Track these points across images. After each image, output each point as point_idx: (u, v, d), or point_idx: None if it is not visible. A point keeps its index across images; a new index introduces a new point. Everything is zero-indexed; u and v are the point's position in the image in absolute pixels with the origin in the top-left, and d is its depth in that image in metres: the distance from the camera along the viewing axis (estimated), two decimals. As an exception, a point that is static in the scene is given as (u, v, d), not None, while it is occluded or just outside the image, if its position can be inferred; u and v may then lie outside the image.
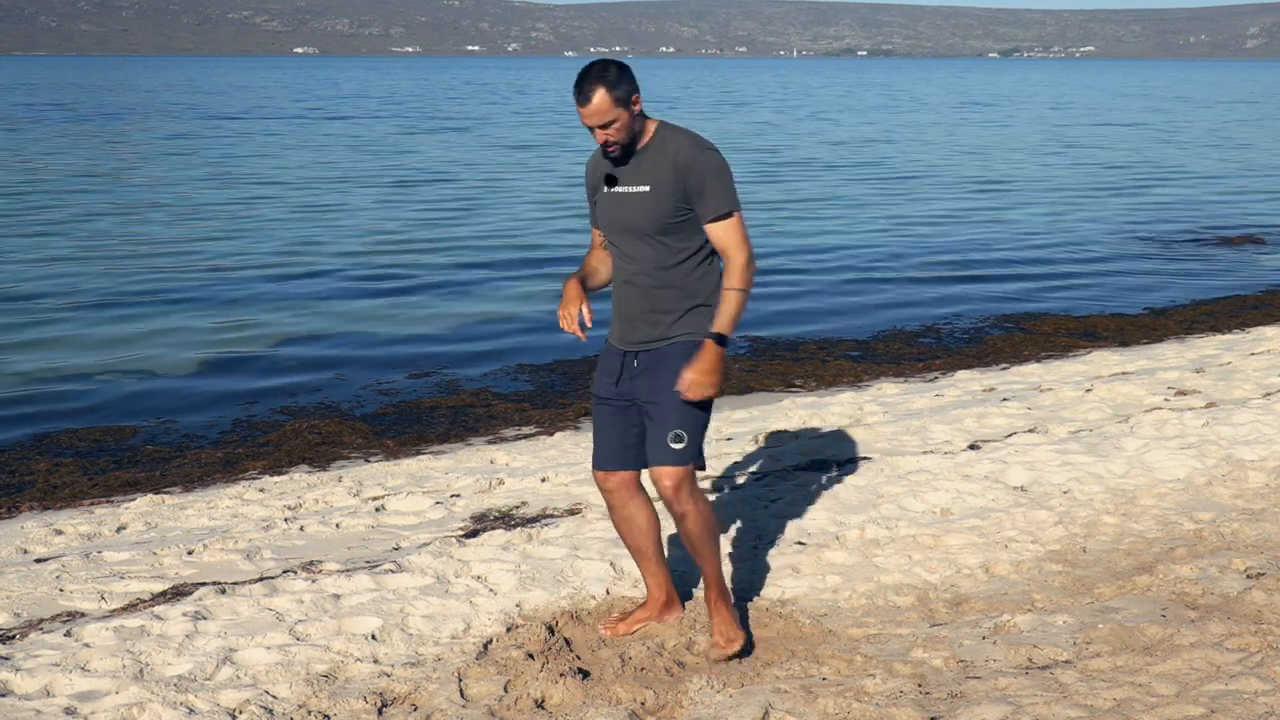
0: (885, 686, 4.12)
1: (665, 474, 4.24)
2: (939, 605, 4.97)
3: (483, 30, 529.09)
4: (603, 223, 4.33)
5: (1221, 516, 5.98)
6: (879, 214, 22.11)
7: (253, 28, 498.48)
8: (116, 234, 18.76)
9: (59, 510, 7.08)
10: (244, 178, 27.28)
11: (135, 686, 4.15)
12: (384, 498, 6.76)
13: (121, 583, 5.28)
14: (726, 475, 6.90)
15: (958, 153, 36.35)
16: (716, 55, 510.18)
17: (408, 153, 34.54)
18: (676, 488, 4.25)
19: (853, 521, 5.88)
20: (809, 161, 32.86)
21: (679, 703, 4.07)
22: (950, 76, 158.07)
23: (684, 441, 4.22)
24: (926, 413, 8.49)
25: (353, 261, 16.48)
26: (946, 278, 15.68)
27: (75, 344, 11.76)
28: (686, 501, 4.28)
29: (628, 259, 4.27)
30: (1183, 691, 4.05)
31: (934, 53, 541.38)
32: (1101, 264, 16.92)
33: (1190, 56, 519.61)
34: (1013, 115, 58.25)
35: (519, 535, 5.71)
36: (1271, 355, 10.25)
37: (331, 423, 9.04)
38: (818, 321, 12.94)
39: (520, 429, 8.92)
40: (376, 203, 23.03)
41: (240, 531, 6.12)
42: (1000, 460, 6.86)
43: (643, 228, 4.19)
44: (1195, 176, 29.60)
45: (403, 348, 11.68)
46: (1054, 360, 10.93)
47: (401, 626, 4.67)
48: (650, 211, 4.17)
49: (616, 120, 4.10)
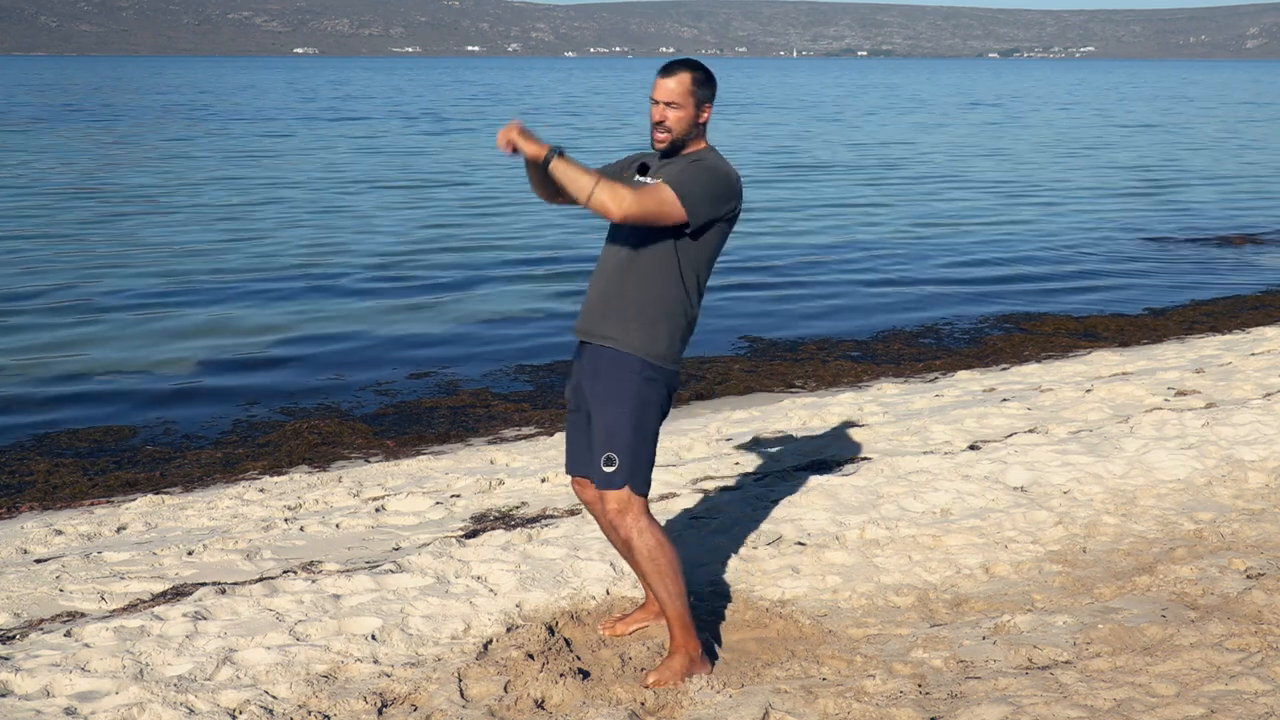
0: (885, 687, 4.12)
1: (608, 497, 4.14)
2: (939, 605, 4.97)
3: (483, 30, 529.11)
4: None
5: (1221, 517, 5.98)
6: (879, 215, 22.11)
7: (253, 28, 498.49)
8: (117, 234, 18.76)
9: (59, 510, 7.08)
10: (244, 179, 27.28)
11: (135, 687, 4.15)
12: (384, 498, 6.76)
13: (121, 583, 5.28)
14: (727, 475, 6.90)
15: (959, 153, 36.34)
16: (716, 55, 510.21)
17: (412, 154, 34.53)
18: (619, 512, 4.13)
19: (853, 521, 5.88)
20: (809, 162, 32.85)
21: (679, 703, 4.07)
22: (953, 77, 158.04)
23: (614, 465, 4.09)
24: (926, 413, 8.49)
25: (353, 262, 16.48)
26: (946, 278, 15.68)
27: (75, 344, 11.76)
28: (630, 529, 4.13)
29: (612, 246, 4.23)
30: (1183, 692, 4.05)
31: (934, 53, 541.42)
32: (1101, 264, 16.93)
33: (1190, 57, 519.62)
34: (1019, 116, 58.20)
35: (519, 535, 5.71)
36: (1271, 355, 10.25)
37: (331, 423, 9.04)
38: (818, 322, 12.94)
39: (520, 429, 8.92)
40: (377, 204, 23.02)
41: (240, 532, 6.12)
42: (1000, 460, 6.86)
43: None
44: (1196, 177, 29.60)
45: (403, 348, 11.68)
46: (1054, 360, 10.94)
47: (401, 627, 4.67)
48: None
49: (683, 109, 4.10)
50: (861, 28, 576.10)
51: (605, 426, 4.12)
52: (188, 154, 33.37)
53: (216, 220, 20.41)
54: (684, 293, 4.14)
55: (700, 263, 4.15)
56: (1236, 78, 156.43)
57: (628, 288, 4.13)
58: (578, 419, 4.33)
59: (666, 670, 4.21)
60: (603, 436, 4.12)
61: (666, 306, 4.12)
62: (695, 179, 4.03)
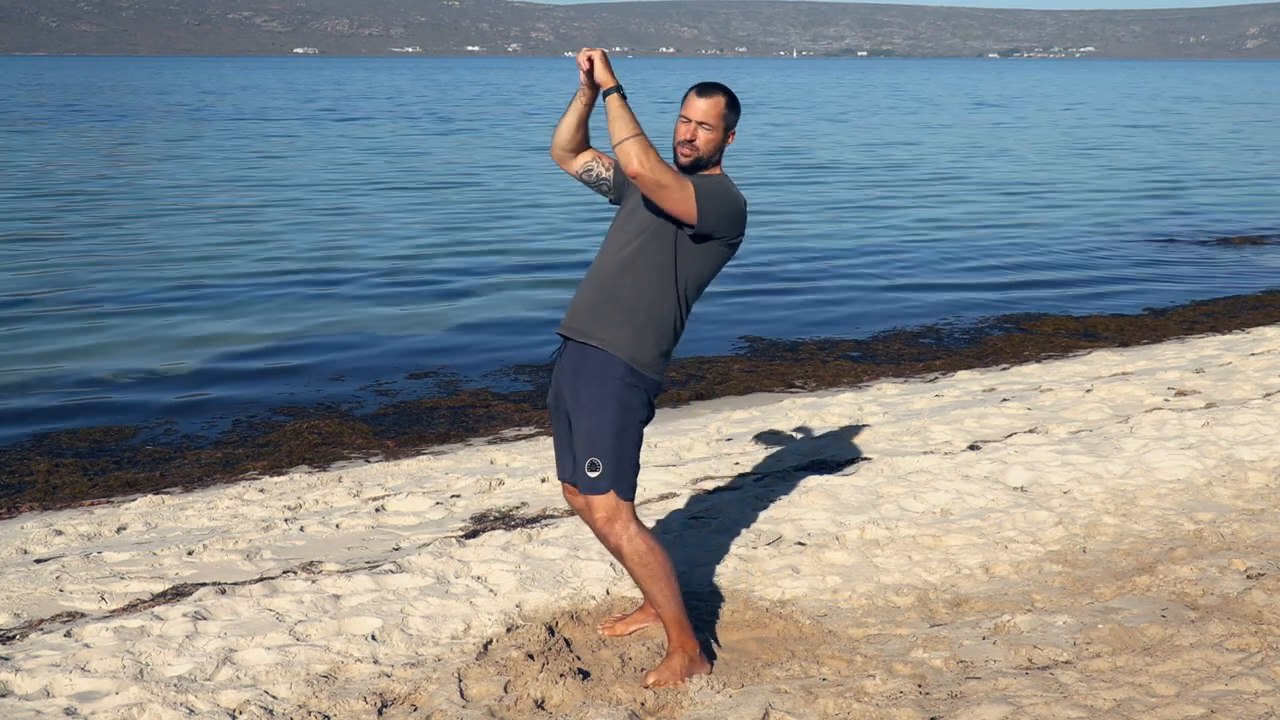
0: (885, 687, 4.12)
1: (594, 504, 4.11)
2: (939, 605, 4.97)
3: (482, 30, 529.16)
4: (625, 208, 4.30)
5: (1221, 517, 5.98)
6: (878, 215, 22.11)
7: (253, 28, 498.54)
8: (118, 235, 18.76)
9: (59, 510, 7.08)
10: (244, 180, 27.27)
11: (135, 687, 4.15)
12: (384, 498, 6.76)
13: (121, 583, 5.28)
14: (727, 475, 6.90)
15: (960, 154, 36.34)
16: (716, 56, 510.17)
17: (414, 155, 34.52)
18: (608, 520, 4.11)
19: (853, 521, 5.88)
20: (810, 163, 32.85)
21: (679, 703, 4.07)
22: (955, 77, 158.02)
23: (599, 470, 4.07)
24: (926, 413, 8.49)
25: (353, 262, 16.48)
26: (946, 278, 15.68)
27: (76, 344, 11.76)
28: (619, 535, 4.11)
29: (610, 250, 4.23)
30: (1183, 692, 4.05)
31: (934, 53, 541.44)
32: (1101, 264, 16.92)
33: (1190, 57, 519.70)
34: (1024, 117, 58.17)
35: (519, 535, 5.70)
36: (1271, 355, 10.25)
37: (331, 423, 9.04)
38: (818, 321, 12.94)
39: (520, 429, 8.92)
40: (378, 205, 23.02)
41: (240, 532, 6.12)
42: (1000, 461, 6.86)
43: (642, 220, 4.16)
44: (1197, 177, 29.60)
45: (402, 348, 11.68)
46: (1054, 360, 10.94)
47: (401, 627, 4.67)
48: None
49: (714, 131, 4.16)
50: (861, 28, 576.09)
51: (587, 432, 4.10)
52: (190, 155, 33.37)
53: (216, 221, 20.41)
54: (675, 304, 4.16)
55: (695, 277, 4.17)
56: (1238, 78, 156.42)
57: (622, 291, 4.13)
58: (559, 423, 4.32)
59: (666, 670, 4.21)
60: (585, 442, 4.10)
61: (658, 313, 4.13)
62: (717, 195, 4.09)
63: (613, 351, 4.11)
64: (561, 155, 4.41)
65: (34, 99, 66.80)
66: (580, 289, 4.26)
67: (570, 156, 4.41)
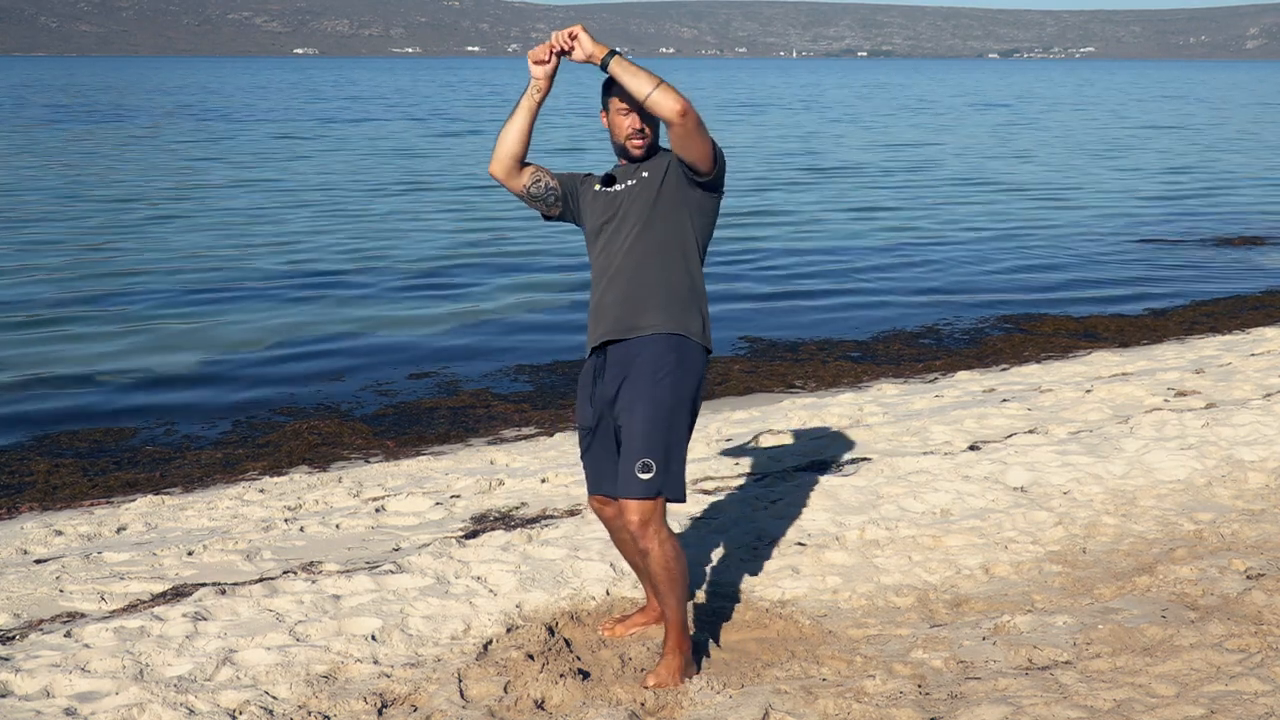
0: (885, 687, 4.12)
1: (631, 508, 4.08)
2: (939, 606, 4.97)
3: (483, 31, 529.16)
4: (596, 222, 4.28)
5: (1221, 517, 5.98)
6: (878, 215, 22.11)
7: (253, 28, 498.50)
8: (119, 236, 18.76)
9: (59, 510, 7.08)
10: (247, 180, 27.28)
11: (135, 687, 4.15)
12: (384, 498, 6.76)
13: (121, 583, 5.28)
14: (727, 475, 6.90)
15: (962, 154, 36.33)
16: (716, 56, 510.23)
17: (414, 155, 34.53)
18: (643, 523, 4.09)
19: (853, 522, 5.88)
20: (810, 164, 32.85)
21: (679, 703, 4.07)
22: (956, 77, 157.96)
23: (652, 471, 4.04)
24: (926, 413, 8.49)
25: (353, 263, 16.49)
26: (946, 278, 15.67)
27: (76, 344, 11.77)
28: (652, 539, 4.11)
29: (610, 253, 4.21)
30: (1183, 692, 4.05)
31: (934, 53, 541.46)
32: (1102, 264, 16.92)
33: (1190, 57, 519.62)
34: (1025, 117, 58.14)
35: (519, 536, 5.70)
36: (1271, 356, 10.25)
37: (331, 423, 9.04)
38: (818, 322, 12.94)
39: (520, 429, 8.92)
40: (378, 206, 23.03)
41: (240, 532, 6.12)
42: (1000, 461, 6.86)
43: (638, 209, 4.17)
44: (1198, 177, 29.60)
45: (402, 348, 11.68)
46: (1054, 361, 10.94)
47: (401, 627, 4.67)
48: (650, 184, 4.18)
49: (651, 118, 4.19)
50: (861, 28, 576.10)
51: (644, 432, 4.07)
52: (192, 155, 33.37)
53: (217, 223, 20.41)
54: (699, 268, 4.26)
55: (705, 237, 4.28)
56: (1239, 78, 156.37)
57: (650, 276, 4.15)
58: (597, 439, 4.27)
59: (665, 671, 4.21)
60: (641, 443, 4.06)
61: (690, 284, 4.21)
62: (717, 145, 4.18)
63: (668, 330, 4.13)
64: (508, 168, 4.32)
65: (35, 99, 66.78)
66: (600, 298, 4.21)
67: (515, 169, 4.32)
